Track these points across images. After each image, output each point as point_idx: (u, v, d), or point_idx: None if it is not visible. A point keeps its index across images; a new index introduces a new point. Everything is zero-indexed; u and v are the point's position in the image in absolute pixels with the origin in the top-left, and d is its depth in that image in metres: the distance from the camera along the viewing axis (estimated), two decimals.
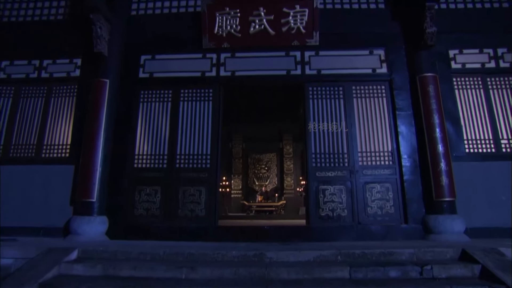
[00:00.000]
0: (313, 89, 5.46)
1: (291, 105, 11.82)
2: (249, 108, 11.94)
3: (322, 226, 4.84)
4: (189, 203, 5.06)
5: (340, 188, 5.02)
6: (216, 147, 5.26)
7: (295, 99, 11.35)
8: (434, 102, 4.94)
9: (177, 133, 5.38)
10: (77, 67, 5.72)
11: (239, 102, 11.62)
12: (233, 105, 11.96)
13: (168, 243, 4.57)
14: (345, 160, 5.16)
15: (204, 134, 5.35)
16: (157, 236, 4.85)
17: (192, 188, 5.12)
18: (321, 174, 5.09)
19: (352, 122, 5.29)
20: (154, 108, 5.55)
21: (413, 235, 4.73)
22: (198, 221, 4.98)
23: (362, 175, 5.07)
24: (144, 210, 5.10)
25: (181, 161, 5.27)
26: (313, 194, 4.99)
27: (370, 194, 4.99)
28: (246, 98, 11.10)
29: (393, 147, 5.16)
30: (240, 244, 4.46)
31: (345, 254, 3.83)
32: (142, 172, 5.27)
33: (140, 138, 5.43)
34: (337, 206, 4.95)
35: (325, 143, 5.23)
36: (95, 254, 3.96)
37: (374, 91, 5.43)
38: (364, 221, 4.88)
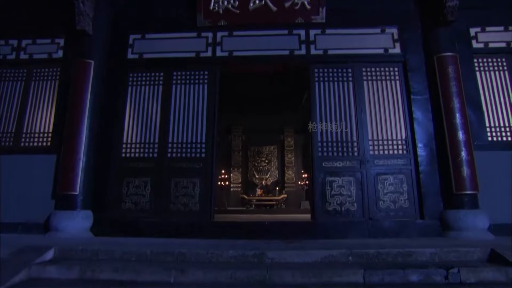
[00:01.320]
0: (319, 71, 4.92)
1: (293, 95, 11.38)
2: (249, 99, 11.50)
3: (329, 222, 4.35)
4: (181, 196, 4.57)
5: (349, 180, 4.51)
6: (211, 135, 4.75)
7: (297, 88, 10.96)
8: (454, 84, 4.40)
9: (169, 120, 4.87)
10: (60, 48, 5.17)
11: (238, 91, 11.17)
12: (232, 95, 11.57)
13: (157, 241, 4.09)
14: (355, 149, 4.64)
15: (198, 121, 4.84)
16: (146, 233, 4.37)
17: (185, 179, 4.62)
18: (328, 165, 4.58)
19: (362, 107, 4.76)
20: (144, 92, 5.02)
21: (429, 232, 4.24)
22: (192, 216, 4.49)
23: (373, 165, 4.56)
24: (132, 204, 4.61)
25: (173, 150, 4.76)
26: (319, 186, 4.49)
27: (382, 186, 4.49)
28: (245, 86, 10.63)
29: (408, 135, 4.64)
30: (238, 242, 3.98)
31: (357, 254, 3.36)
32: (131, 162, 4.77)
33: (129, 125, 4.91)
34: (346, 200, 4.45)
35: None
36: (74, 254, 3.48)
37: (386, 73, 4.89)
38: (376, 216, 4.39)
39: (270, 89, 11.11)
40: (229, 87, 10.94)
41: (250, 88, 10.94)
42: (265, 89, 11.03)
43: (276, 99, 11.74)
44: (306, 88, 5.01)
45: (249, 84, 10.65)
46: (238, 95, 11.42)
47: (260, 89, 11.03)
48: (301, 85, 10.64)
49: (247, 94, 11.38)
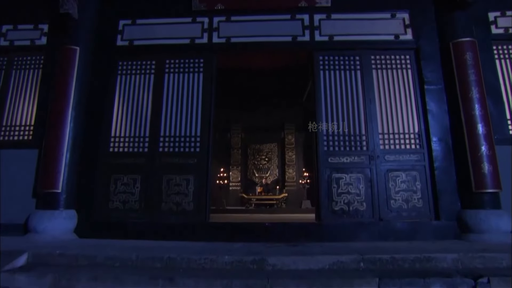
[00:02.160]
0: (324, 58, 4.50)
1: (294, 91, 10.99)
2: (248, 95, 11.12)
3: (335, 223, 3.94)
4: (174, 195, 4.16)
5: (358, 177, 4.10)
6: (207, 128, 4.34)
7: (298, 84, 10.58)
8: (472, 72, 3.99)
9: (161, 111, 4.46)
10: (44, 34, 4.76)
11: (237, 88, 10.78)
12: (230, 91, 11.18)
13: (147, 243, 3.68)
14: (363, 143, 4.23)
15: (193, 113, 4.43)
16: (135, 234, 3.95)
17: (178, 176, 4.21)
18: (334, 160, 4.17)
19: (372, 98, 4.35)
20: (134, 81, 4.61)
21: (446, 234, 3.84)
22: (185, 217, 4.08)
23: (383, 161, 4.15)
24: (120, 203, 4.20)
25: (165, 145, 4.35)
26: (324, 184, 4.08)
27: (393, 184, 4.08)
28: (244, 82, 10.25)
29: (421, 128, 4.23)
30: (235, 246, 3.57)
31: (369, 260, 2.96)
32: (119, 157, 4.36)
33: (117, 117, 4.50)
34: (354, 199, 4.04)
35: (339, 123, 4.30)
36: (50, 259, 3.09)
37: (397, 61, 4.48)
38: (387, 216, 3.98)
39: (270, 86, 10.74)
40: (228, 83, 10.63)
41: (250, 84, 10.58)
42: (265, 85, 10.66)
43: (276, 95, 11.37)
44: (310, 76, 4.60)
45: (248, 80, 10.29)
46: (237, 92, 11.07)
47: (259, 85, 10.66)
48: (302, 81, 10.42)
49: (246, 90, 11.02)
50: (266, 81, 10.34)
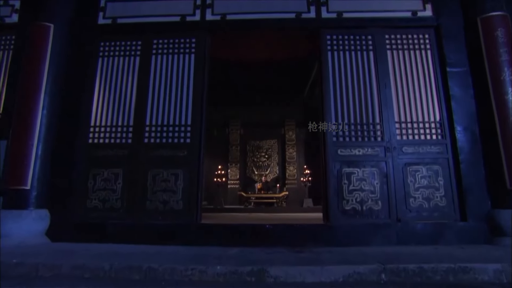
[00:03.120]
0: (332, 38, 3.93)
1: (294, 86, 10.45)
2: (247, 90, 10.58)
3: (346, 225, 3.38)
4: (161, 192, 3.59)
5: (372, 172, 3.54)
6: (199, 116, 3.77)
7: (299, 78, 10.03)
8: (504, 51, 3.43)
9: (147, 98, 3.89)
10: (15, 11, 4.18)
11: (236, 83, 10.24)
12: (229, 86, 10.62)
13: (127, 248, 3.12)
14: (378, 133, 3.67)
15: (183, 99, 3.86)
16: (116, 237, 3.40)
17: (166, 171, 3.64)
18: (345, 152, 3.60)
19: (386, 82, 3.78)
20: (117, 64, 4.04)
21: (474, 237, 3.28)
22: (173, 217, 3.52)
23: (401, 153, 3.59)
24: (99, 202, 3.63)
25: (151, 135, 3.78)
26: (333, 180, 3.51)
27: (412, 180, 3.52)
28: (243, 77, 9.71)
29: (443, 116, 3.68)
30: (231, 252, 3.01)
31: (392, 270, 2.40)
32: (99, 149, 3.78)
33: (98, 104, 3.93)
34: (368, 197, 3.48)
35: (349, 110, 3.74)
36: (4, 271, 2.51)
37: (415, 41, 3.92)
38: (405, 217, 3.42)
39: (270, 80, 10.21)
40: (226, 77, 10.08)
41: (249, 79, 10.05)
42: (264, 80, 10.13)
43: (277, 91, 10.84)
44: (316, 58, 4.02)
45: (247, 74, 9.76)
46: (236, 86, 10.54)
47: (259, 80, 10.13)
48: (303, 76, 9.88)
49: (245, 85, 10.48)
50: (266, 76, 9.82)
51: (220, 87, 10.71)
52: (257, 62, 9.10)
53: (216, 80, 10.29)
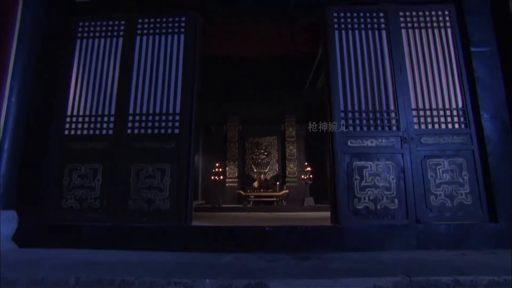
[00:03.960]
0: (339, 15, 3.46)
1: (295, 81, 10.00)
2: (245, 86, 10.14)
3: (358, 227, 2.91)
4: (145, 190, 3.12)
5: (387, 165, 3.07)
6: (189, 104, 3.29)
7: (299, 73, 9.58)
8: None
9: (131, 83, 3.41)
10: None
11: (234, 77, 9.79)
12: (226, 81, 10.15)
13: (105, 255, 2.65)
14: (393, 121, 3.19)
15: (171, 84, 3.38)
16: (94, 241, 2.94)
17: (151, 166, 3.16)
18: (355, 143, 3.13)
19: (402, 65, 3.31)
20: (98, 46, 3.55)
21: (506, 240, 2.81)
22: (159, 218, 3.04)
23: (419, 144, 3.12)
24: (76, 201, 3.15)
25: (135, 125, 3.30)
26: (343, 175, 3.04)
27: (433, 174, 3.05)
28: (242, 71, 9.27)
29: (466, 102, 3.21)
30: (224, 259, 2.54)
31: (421, 284, 1.96)
32: (76, 141, 3.31)
33: (76, 91, 3.45)
34: (382, 194, 3.01)
35: (360, 96, 3.27)
36: None
37: (434, 19, 3.44)
38: (426, 217, 2.95)
39: (269, 75, 9.78)
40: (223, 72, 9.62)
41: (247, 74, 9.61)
42: (263, 75, 9.70)
43: (276, 86, 10.42)
44: (321, 38, 3.54)
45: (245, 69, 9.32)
46: (234, 82, 10.09)
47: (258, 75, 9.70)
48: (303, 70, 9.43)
49: (243, 80, 10.05)
50: (265, 71, 9.39)
51: (218, 83, 10.31)
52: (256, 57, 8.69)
53: (214, 76, 9.93)
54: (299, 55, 8.47)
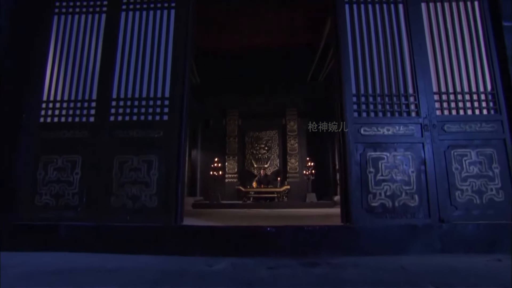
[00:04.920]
0: None
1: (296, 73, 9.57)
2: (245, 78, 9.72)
3: (374, 227, 2.51)
4: (130, 185, 2.72)
5: (405, 156, 2.67)
6: (181, 87, 2.88)
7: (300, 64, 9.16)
8: None
9: (115, 64, 2.99)
10: None
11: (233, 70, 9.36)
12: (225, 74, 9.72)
13: (78, 260, 2.26)
14: (412, 106, 2.78)
15: (160, 65, 2.96)
16: (71, 243, 2.56)
17: (136, 157, 2.76)
18: (370, 132, 2.73)
19: (421, 43, 2.89)
20: (78, 23, 3.13)
21: None
22: (145, 217, 2.64)
23: (442, 132, 2.71)
24: (51, 198, 2.76)
25: (118, 111, 2.89)
26: (355, 168, 2.64)
27: (458, 167, 2.65)
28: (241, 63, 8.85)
29: (496, 85, 2.79)
30: (219, 265, 2.14)
31: None
32: (53, 130, 2.90)
33: (53, 74, 3.04)
34: (401, 189, 2.61)
35: (374, 78, 2.85)
36: None
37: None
38: (450, 216, 2.55)
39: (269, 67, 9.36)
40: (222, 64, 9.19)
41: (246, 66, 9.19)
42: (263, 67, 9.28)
43: (277, 78, 10.00)
44: (330, 11, 3.10)
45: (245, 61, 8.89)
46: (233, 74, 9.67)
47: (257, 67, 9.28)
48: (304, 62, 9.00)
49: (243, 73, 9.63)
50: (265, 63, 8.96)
51: (216, 75, 9.90)
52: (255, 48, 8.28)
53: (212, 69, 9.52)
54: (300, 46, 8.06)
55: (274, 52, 8.42)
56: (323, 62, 8.32)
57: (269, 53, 8.46)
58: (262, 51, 8.31)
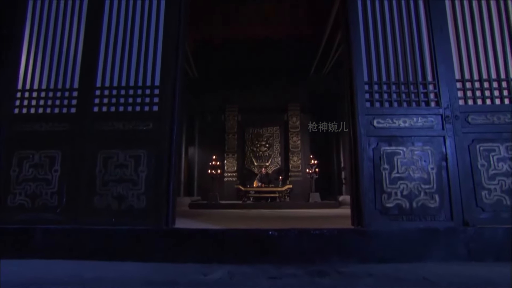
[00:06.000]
0: None
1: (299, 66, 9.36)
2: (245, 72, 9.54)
3: (389, 230, 2.30)
4: (115, 183, 2.51)
5: (424, 152, 2.46)
6: (173, 74, 2.66)
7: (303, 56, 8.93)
8: None
9: (99, 49, 2.77)
10: None
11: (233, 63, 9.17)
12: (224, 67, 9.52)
13: (54, 269, 2.06)
14: (431, 95, 2.57)
15: (149, 51, 2.75)
16: (49, 249, 2.36)
17: (123, 152, 2.55)
18: (383, 124, 2.51)
19: (442, 25, 2.67)
20: (57, 4, 2.91)
21: None
22: (133, 219, 2.43)
23: (466, 124, 2.50)
24: (27, 198, 2.55)
25: (103, 101, 2.68)
26: (368, 164, 2.43)
27: (485, 163, 2.44)
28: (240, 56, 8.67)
29: None
30: (214, 275, 1.94)
31: None
32: (29, 122, 2.69)
33: (29, 60, 2.82)
34: (419, 188, 2.41)
35: (388, 64, 2.63)
36: None
37: None
38: (477, 219, 2.35)
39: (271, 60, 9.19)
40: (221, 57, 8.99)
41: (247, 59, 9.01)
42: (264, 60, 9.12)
43: (278, 71, 9.81)
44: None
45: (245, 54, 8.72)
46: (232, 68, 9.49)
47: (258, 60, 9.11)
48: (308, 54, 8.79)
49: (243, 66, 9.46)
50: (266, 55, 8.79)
51: (215, 68, 9.68)
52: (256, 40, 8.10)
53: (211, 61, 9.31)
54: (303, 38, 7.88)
55: (275, 44, 8.23)
56: (328, 54, 8.11)
57: (271, 45, 8.26)
58: (263, 43, 8.11)
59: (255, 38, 8.06)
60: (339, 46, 6.90)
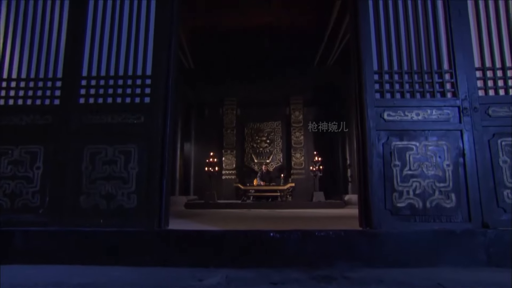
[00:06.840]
0: None
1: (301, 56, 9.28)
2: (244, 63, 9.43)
3: (400, 232, 2.24)
4: (103, 181, 2.44)
5: (439, 147, 2.39)
6: (165, 63, 2.59)
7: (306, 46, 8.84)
8: None
9: (84, 36, 2.69)
10: None
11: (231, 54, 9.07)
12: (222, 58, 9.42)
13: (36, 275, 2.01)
14: (447, 86, 2.49)
15: (140, 37, 2.67)
16: (30, 254, 2.30)
17: (111, 148, 2.49)
18: (395, 117, 2.44)
19: (461, 9, 2.59)
20: None
21: None
22: (123, 220, 2.37)
23: (486, 117, 2.43)
24: (5, 198, 2.49)
25: (89, 92, 2.61)
26: (378, 160, 2.37)
27: (507, 160, 2.37)
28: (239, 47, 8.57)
29: None
30: (209, 281, 1.88)
31: None
32: (7, 115, 2.62)
33: (5, 47, 2.74)
34: (433, 187, 2.34)
35: (400, 51, 2.56)
36: None
37: None
38: (498, 221, 2.28)
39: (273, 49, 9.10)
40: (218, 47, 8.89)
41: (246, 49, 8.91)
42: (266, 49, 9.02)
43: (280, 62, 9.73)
44: None
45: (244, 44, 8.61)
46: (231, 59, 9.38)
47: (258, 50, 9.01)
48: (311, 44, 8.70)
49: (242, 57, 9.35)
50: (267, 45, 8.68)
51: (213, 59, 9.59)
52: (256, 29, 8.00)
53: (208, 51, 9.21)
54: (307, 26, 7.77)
55: (277, 33, 8.13)
56: (333, 43, 8.01)
57: (272, 33, 8.17)
58: (264, 32, 8.02)
59: (256, 26, 7.95)
60: (345, 35, 6.82)
